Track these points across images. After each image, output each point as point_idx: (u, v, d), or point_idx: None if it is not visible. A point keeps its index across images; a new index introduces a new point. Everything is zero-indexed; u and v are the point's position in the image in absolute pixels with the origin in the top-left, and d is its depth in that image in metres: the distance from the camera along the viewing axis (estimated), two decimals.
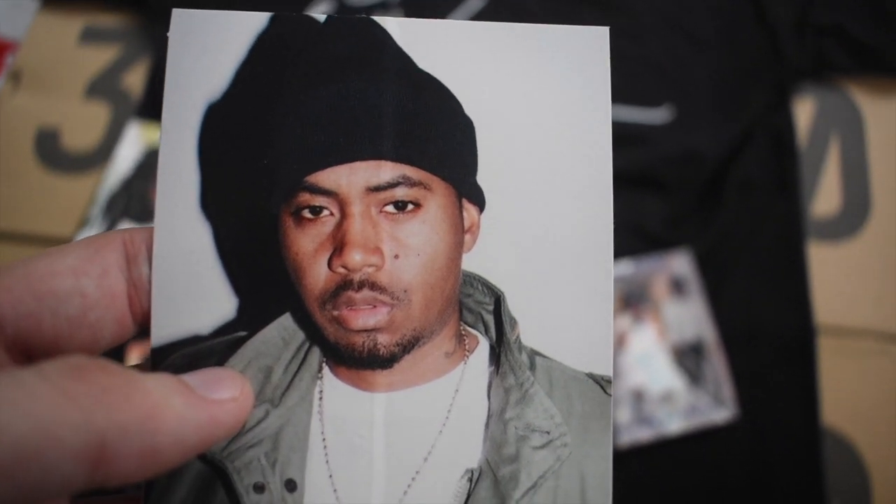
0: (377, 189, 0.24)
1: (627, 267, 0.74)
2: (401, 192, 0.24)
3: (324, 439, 0.24)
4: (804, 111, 0.83)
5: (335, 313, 0.24)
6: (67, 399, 0.18)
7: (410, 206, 0.24)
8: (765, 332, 0.74)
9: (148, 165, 0.80)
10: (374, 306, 0.24)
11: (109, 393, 0.18)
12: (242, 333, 0.24)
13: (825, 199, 0.79)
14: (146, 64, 0.87)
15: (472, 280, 0.24)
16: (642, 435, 0.69)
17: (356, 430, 0.24)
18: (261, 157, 0.24)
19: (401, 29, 0.24)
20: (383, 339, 0.24)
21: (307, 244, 0.24)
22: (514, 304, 0.24)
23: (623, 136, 0.80)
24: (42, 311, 0.22)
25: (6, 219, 0.80)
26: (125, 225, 0.78)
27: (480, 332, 0.25)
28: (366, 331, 0.24)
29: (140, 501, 0.24)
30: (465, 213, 0.25)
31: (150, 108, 0.84)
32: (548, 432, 0.24)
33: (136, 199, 0.79)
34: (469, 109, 0.24)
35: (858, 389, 0.72)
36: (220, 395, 0.21)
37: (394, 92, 0.24)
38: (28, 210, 0.80)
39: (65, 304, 0.22)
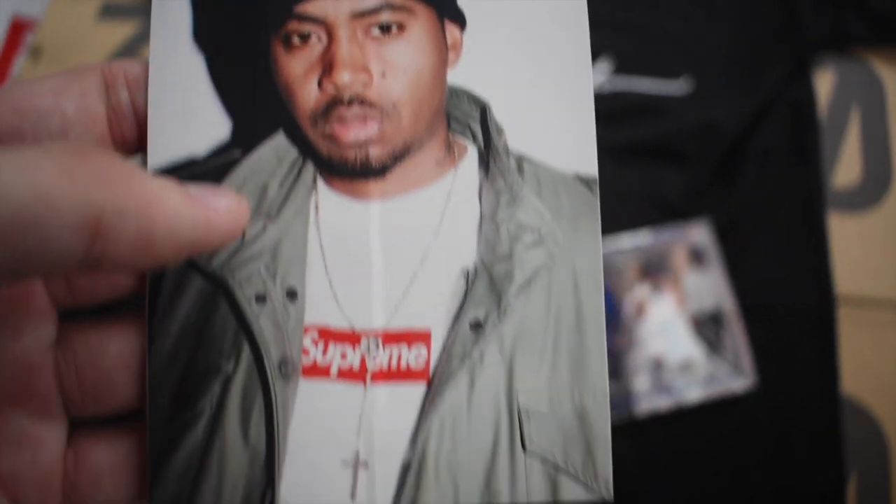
0: (362, 14, 0.25)
1: (647, 237, 0.74)
2: (385, 16, 0.25)
3: (322, 248, 0.25)
4: (824, 82, 0.82)
5: (327, 129, 0.25)
6: (68, 175, 0.18)
7: (395, 29, 0.25)
8: (784, 302, 0.74)
9: None
10: (365, 121, 0.25)
11: (109, 176, 0.19)
12: (237, 154, 0.25)
13: (845, 170, 0.79)
14: None
15: (458, 93, 0.26)
16: (661, 403, 0.70)
17: (353, 237, 0.25)
18: None
19: None
20: (375, 152, 0.25)
21: (297, 67, 0.25)
22: (499, 114, 0.25)
23: (642, 108, 0.80)
24: (24, 126, 0.22)
25: None
26: None
27: (469, 141, 0.26)
28: (357, 144, 0.25)
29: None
30: (447, 33, 0.26)
31: None
32: (539, 230, 0.25)
33: None
34: None
35: (878, 359, 0.72)
36: (216, 202, 0.21)
37: None
38: None
39: (45, 121, 0.22)
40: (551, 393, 0.24)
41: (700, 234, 0.74)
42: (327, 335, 0.25)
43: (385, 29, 0.25)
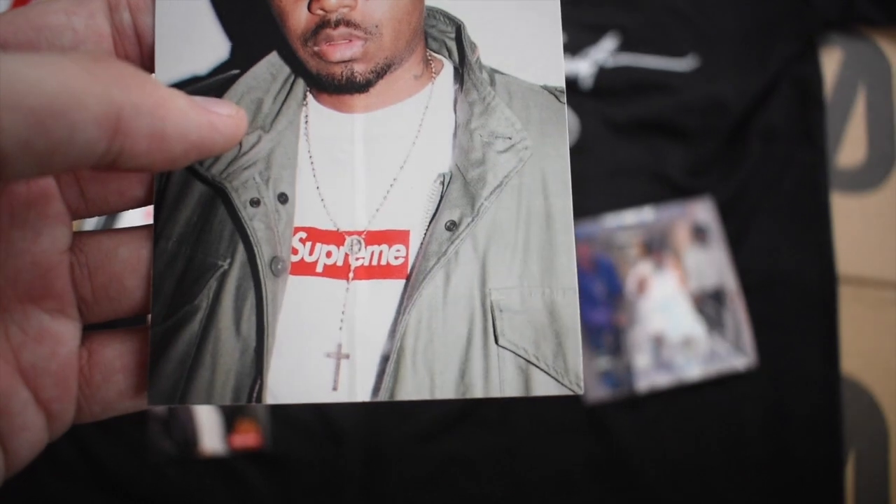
0: None
1: (649, 213, 0.74)
2: None
3: (311, 157, 0.27)
4: (831, 61, 0.82)
5: (316, 49, 0.27)
6: (91, 74, 0.20)
7: None
8: (786, 280, 0.74)
9: None
10: (350, 40, 0.27)
11: (126, 77, 0.21)
12: (236, 71, 0.28)
13: (850, 149, 0.79)
14: None
15: (435, 13, 0.28)
16: (662, 380, 0.70)
17: (339, 146, 0.27)
18: None
19: None
20: (359, 68, 0.27)
21: None
22: (473, 31, 0.28)
23: (647, 84, 0.80)
24: (39, 41, 0.24)
25: None
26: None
27: (445, 57, 0.28)
28: (343, 62, 0.27)
29: (146, 332, 0.26)
30: None
31: None
32: (510, 137, 0.27)
33: None
34: None
35: (878, 339, 0.73)
36: (219, 109, 0.24)
37: None
38: None
39: (59, 36, 0.24)
40: (522, 289, 0.26)
41: (703, 211, 0.74)
42: (314, 235, 0.27)
43: None
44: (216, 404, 0.28)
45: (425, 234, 0.27)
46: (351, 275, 0.27)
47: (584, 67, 0.81)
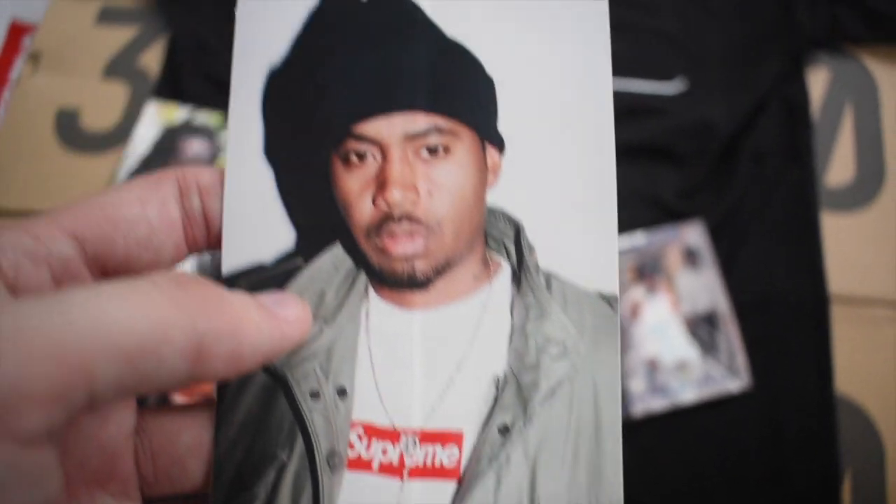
0: (413, 136, 0.28)
1: (641, 238, 0.74)
2: (433, 139, 0.28)
3: (370, 352, 0.28)
4: (818, 80, 0.82)
5: (379, 243, 0.28)
6: (176, 306, 0.21)
7: (441, 151, 0.28)
8: (778, 301, 0.74)
9: (165, 144, 0.82)
10: (412, 236, 0.28)
11: (207, 303, 0.22)
12: (300, 262, 0.28)
13: (839, 168, 0.79)
14: (163, 43, 0.87)
15: (495, 213, 0.28)
16: (656, 404, 0.70)
17: (398, 343, 0.28)
18: (315, 111, 0.29)
19: (430, 4, 0.29)
20: (420, 265, 0.28)
21: (354, 184, 0.28)
22: (532, 233, 0.28)
23: (636, 108, 0.81)
24: (116, 235, 0.25)
25: (29, 199, 0.81)
26: None
27: (503, 258, 0.28)
28: (405, 258, 0.28)
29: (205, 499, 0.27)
30: (488, 156, 0.29)
31: (167, 87, 0.85)
32: (564, 343, 0.27)
33: None
34: (490, 69, 0.29)
35: (872, 358, 0.73)
36: (287, 314, 0.25)
37: (425, 56, 0.28)
38: (50, 190, 0.81)
39: (134, 229, 0.26)
40: (570, 497, 0.26)
41: (694, 234, 0.74)
42: (371, 431, 0.27)
43: (433, 151, 0.28)
44: None
45: (478, 436, 0.27)
46: (406, 474, 0.27)
47: None
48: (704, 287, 0.73)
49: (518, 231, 0.28)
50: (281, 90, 0.29)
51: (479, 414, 0.27)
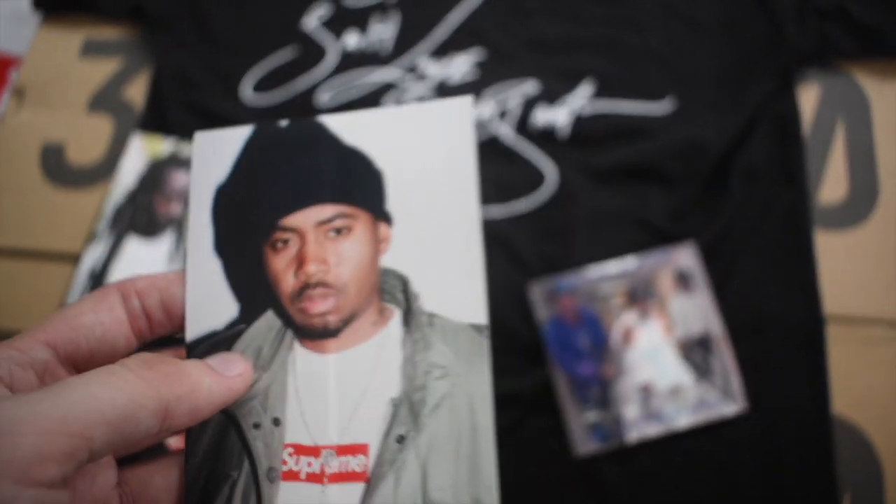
0: (323, 222, 0.37)
1: (632, 262, 0.73)
2: (338, 222, 0.37)
3: (297, 389, 0.35)
4: (808, 97, 0.82)
5: (300, 305, 0.36)
6: (145, 381, 0.29)
7: (345, 231, 0.36)
8: (773, 322, 0.73)
9: (151, 177, 0.81)
10: (325, 298, 0.36)
11: (169, 376, 0.30)
12: (242, 326, 0.36)
13: (831, 186, 0.78)
14: (147, 76, 0.87)
15: (387, 272, 0.36)
16: (651, 430, 0.70)
17: (317, 380, 0.35)
18: (250, 214, 0.37)
19: (333, 122, 0.38)
20: (332, 319, 0.36)
21: (280, 263, 0.36)
22: (416, 284, 0.35)
23: (626, 130, 0.80)
24: (79, 338, 0.33)
25: (15, 236, 0.81)
26: (132, 238, 0.79)
27: (395, 306, 0.36)
28: (320, 315, 0.36)
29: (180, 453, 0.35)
30: (380, 230, 0.36)
31: (152, 119, 0.84)
32: (444, 367, 0.34)
33: (141, 210, 0.80)
34: (378, 164, 0.37)
35: (869, 378, 0.72)
36: (232, 372, 0.33)
37: (329, 161, 0.37)
38: (36, 226, 0.81)
39: (92, 331, 0.33)
40: (455, 488, 0.33)
41: (686, 257, 0.73)
42: (299, 450, 0.35)
43: (338, 231, 0.36)
44: None
45: (380, 446, 0.34)
46: (326, 480, 0.34)
47: (562, 116, 0.81)
48: (698, 310, 0.72)
49: (405, 284, 0.36)
50: (226, 200, 0.38)
51: (381, 429, 0.34)
